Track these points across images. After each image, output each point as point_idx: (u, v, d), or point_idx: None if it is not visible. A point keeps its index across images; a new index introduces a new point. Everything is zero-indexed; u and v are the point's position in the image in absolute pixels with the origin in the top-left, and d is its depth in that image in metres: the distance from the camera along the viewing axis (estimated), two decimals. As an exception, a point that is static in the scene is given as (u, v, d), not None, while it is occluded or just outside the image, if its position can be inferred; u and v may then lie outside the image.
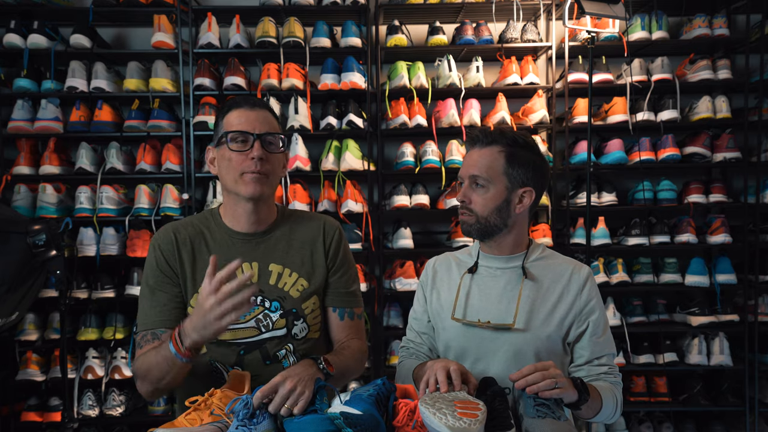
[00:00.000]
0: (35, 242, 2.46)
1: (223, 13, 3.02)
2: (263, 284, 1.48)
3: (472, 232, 1.52)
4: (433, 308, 1.59)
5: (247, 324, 1.46)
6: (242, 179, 1.43)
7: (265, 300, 1.48)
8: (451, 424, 1.03)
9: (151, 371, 1.35)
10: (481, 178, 1.48)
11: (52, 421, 2.85)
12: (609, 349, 1.50)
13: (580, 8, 2.41)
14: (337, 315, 1.57)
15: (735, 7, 3.14)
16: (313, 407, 1.18)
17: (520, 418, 1.24)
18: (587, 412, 1.37)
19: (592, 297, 1.50)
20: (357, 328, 1.59)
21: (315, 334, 1.54)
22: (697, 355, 2.97)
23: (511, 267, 1.53)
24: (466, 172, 1.51)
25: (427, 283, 1.63)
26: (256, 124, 1.44)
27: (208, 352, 1.47)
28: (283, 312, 1.48)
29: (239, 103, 1.47)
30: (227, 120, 1.46)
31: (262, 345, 1.47)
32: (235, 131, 1.43)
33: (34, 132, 2.90)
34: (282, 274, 1.50)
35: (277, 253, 1.51)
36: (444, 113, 2.98)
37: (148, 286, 1.47)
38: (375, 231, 3.03)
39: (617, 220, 3.15)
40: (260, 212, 1.50)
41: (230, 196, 1.49)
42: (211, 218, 1.54)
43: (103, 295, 2.90)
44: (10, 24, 2.87)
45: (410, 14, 3.10)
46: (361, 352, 1.55)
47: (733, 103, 3.09)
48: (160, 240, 1.49)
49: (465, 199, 1.51)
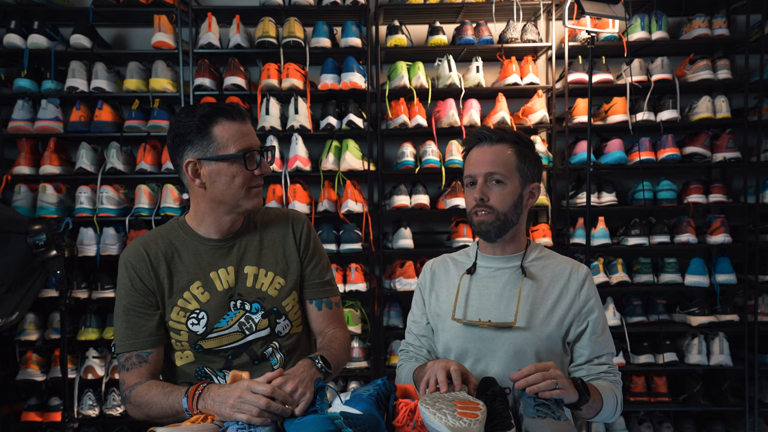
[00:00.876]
0: (35, 242, 2.46)
1: (223, 13, 3.03)
2: (241, 287, 1.48)
3: (491, 231, 1.49)
4: (432, 310, 1.59)
5: (230, 329, 1.47)
6: (249, 193, 1.43)
7: (245, 303, 1.48)
8: (451, 424, 1.03)
9: (151, 409, 1.36)
10: (499, 174, 1.47)
11: (52, 421, 2.86)
12: (608, 348, 1.51)
13: (580, 8, 2.41)
14: (314, 306, 1.58)
15: (735, 7, 3.14)
16: (313, 407, 1.18)
17: (520, 419, 1.24)
18: (588, 412, 1.37)
19: (591, 296, 1.50)
20: (336, 317, 1.60)
21: (298, 329, 1.56)
22: (697, 355, 2.97)
23: (510, 267, 1.53)
24: (479, 170, 1.48)
25: (425, 286, 1.63)
26: (253, 136, 1.43)
27: (196, 361, 1.48)
28: (265, 312, 1.49)
29: (231, 115, 1.40)
30: (217, 132, 1.38)
31: (248, 347, 1.48)
32: (249, 150, 1.40)
33: (34, 132, 2.90)
34: (258, 275, 1.50)
35: (250, 255, 1.50)
36: (444, 113, 2.98)
37: (123, 306, 1.44)
38: (375, 231, 3.03)
39: (617, 220, 3.15)
40: (240, 218, 1.51)
41: (218, 207, 1.44)
42: (179, 228, 1.50)
43: (103, 295, 2.90)
44: (10, 24, 2.87)
45: (410, 14, 3.10)
46: (347, 341, 1.58)
47: (733, 103, 3.09)
48: (131, 259, 1.45)
49: (483, 197, 1.47)
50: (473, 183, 1.50)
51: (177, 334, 1.45)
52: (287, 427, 1.14)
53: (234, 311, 1.46)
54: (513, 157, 1.48)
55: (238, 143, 1.39)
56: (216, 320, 1.45)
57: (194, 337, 1.45)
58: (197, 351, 1.46)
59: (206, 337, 1.45)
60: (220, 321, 1.46)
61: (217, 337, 1.46)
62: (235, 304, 1.47)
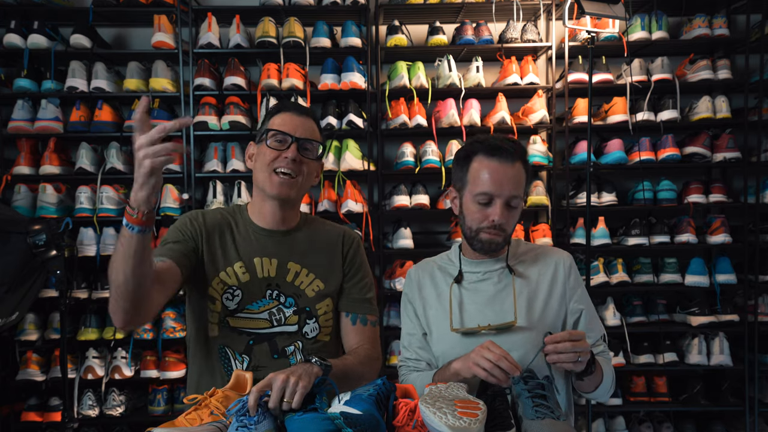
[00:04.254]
0: (35, 242, 2.46)
1: (223, 13, 3.03)
2: (280, 280, 1.52)
3: (497, 248, 1.51)
4: (428, 319, 1.56)
5: (260, 315, 1.50)
6: (271, 178, 1.47)
7: (281, 295, 1.52)
8: (452, 424, 1.03)
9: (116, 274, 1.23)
10: (519, 197, 1.45)
11: (52, 421, 2.85)
12: (600, 329, 1.54)
13: (580, 8, 2.41)
14: (349, 320, 1.58)
15: (735, 7, 3.14)
16: (313, 406, 1.18)
17: (520, 419, 1.24)
18: (588, 385, 1.39)
19: (579, 282, 1.53)
20: (369, 336, 1.59)
21: (326, 337, 1.56)
22: (697, 355, 2.97)
23: (497, 268, 1.53)
24: (500, 191, 1.43)
25: (414, 297, 1.60)
26: (299, 128, 1.49)
27: (218, 337, 1.50)
28: (297, 309, 1.52)
29: (288, 108, 1.53)
30: (273, 121, 1.51)
31: (272, 338, 1.50)
32: (275, 130, 1.48)
33: (34, 132, 2.90)
34: (299, 273, 1.54)
35: (297, 253, 1.55)
36: (444, 113, 2.98)
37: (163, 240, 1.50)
38: (375, 231, 3.03)
39: (617, 220, 3.15)
40: (285, 213, 1.54)
41: (259, 193, 1.54)
42: (238, 212, 1.58)
43: (103, 295, 2.90)
44: (10, 24, 2.87)
45: (410, 14, 3.10)
46: (368, 358, 1.53)
47: (733, 103, 3.09)
48: (190, 216, 1.54)
49: (504, 221, 1.44)
50: (489, 202, 1.44)
51: (212, 303, 1.49)
52: (287, 426, 1.13)
53: (268, 299, 1.51)
54: (524, 175, 1.47)
55: (276, 126, 1.49)
56: (249, 302, 1.50)
57: (225, 311, 1.49)
58: (223, 326, 1.49)
59: (235, 315, 1.49)
60: (252, 303, 1.50)
61: (245, 318, 1.49)
62: (271, 294, 1.51)
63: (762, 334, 3.02)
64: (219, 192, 2.96)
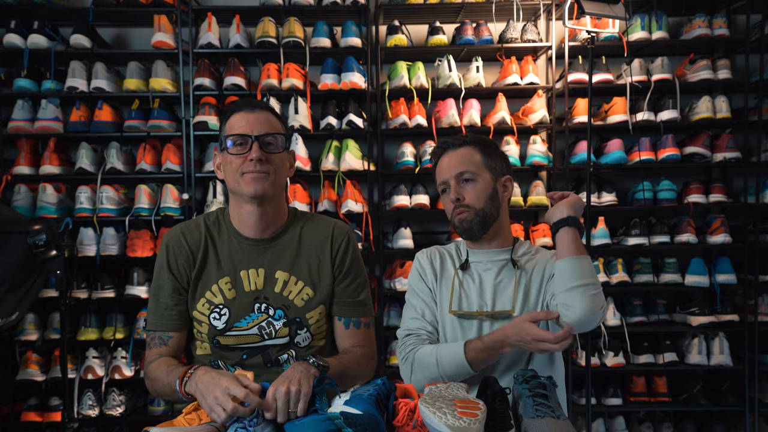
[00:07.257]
0: (35, 242, 2.46)
1: (223, 13, 3.03)
2: (268, 291, 1.48)
3: (473, 228, 1.57)
4: (435, 294, 1.62)
5: (249, 331, 1.47)
6: (243, 179, 1.43)
7: (270, 308, 1.48)
8: (451, 424, 1.03)
9: (157, 384, 1.40)
10: (468, 172, 1.57)
11: (52, 421, 2.85)
12: None
13: (580, 8, 2.41)
14: (342, 324, 1.55)
15: (735, 7, 3.14)
16: (313, 407, 1.18)
17: (520, 418, 1.24)
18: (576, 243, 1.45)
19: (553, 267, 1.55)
20: (364, 337, 1.56)
21: (320, 342, 1.54)
22: (697, 355, 2.97)
23: (501, 260, 1.61)
24: (449, 174, 1.58)
25: (426, 274, 1.64)
26: (255, 125, 1.44)
27: (212, 354, 1.49)
28: (287, 321, 1.48)
29: (240, 106, 1.48)
30: (229, 124, 1.47)
31: (264, 350, 1.48)
32: (233, 134, 1.44)
33: (34, 132, 2.90)
34: (288, 281, 1.49)
35: (285, 260, 1.50)
36: (444, 113, 2.98)
37: (156, 284, 1.51)
38: (375, 231, 3.03)
39: (617, 220, 3.15)
40: (266, 215, 1.48)
41: (235, 199, 1.50)
42: (222, 219, 1.54)
43: (103, 295, 2.90)
44: (10, 24, 2.87)
45: (410, 14, 3.10)
46: (364, 357, 1.52)
47: (733, 103, 3.09)
48: (172, 242, 1.51)
49: (459, 197, 1.57)
50: (447, 189, 1.60)
51: (199, 324, 1.48)
52: (287, 427, 1.13)
53: (257, 313, 1.47)
54: (478, 155, 1.59)
55: (233, 130, 1.45)
56: (237, 319, 1.46)
57: (213, 331, 1.46)
58: (214, 345, 1.47)
59: (225, 333, 1.46)
60: (240, 320, 1.46)
61: (235, 336, 1.47)
62: (260, 307, 1.47)
63: (762, 334, 3.02)
64: (219, 192, 2.96)
